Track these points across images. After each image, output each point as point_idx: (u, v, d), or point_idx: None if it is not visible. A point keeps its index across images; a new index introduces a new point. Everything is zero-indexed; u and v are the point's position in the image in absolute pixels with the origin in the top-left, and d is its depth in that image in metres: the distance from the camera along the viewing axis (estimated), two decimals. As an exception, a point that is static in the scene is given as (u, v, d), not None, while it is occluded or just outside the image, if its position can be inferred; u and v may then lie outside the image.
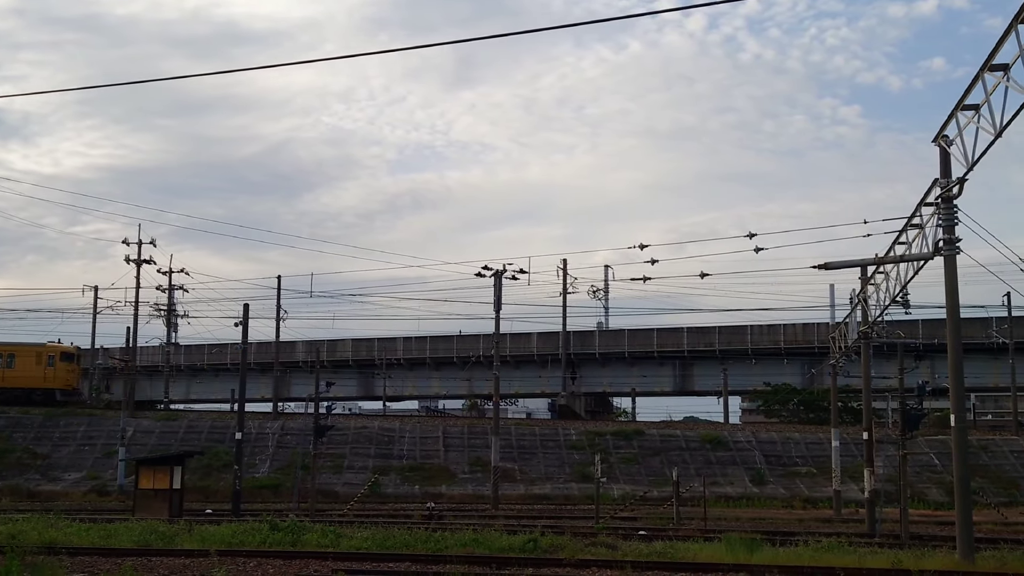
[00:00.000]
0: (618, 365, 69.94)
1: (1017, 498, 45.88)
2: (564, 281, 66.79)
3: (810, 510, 43.68)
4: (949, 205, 22.07)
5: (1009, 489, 47.93)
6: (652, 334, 69.03)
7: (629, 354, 69.10)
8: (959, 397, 22.54)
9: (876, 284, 31.63)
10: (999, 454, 52.28)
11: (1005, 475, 50.07)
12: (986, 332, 59.88)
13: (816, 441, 53.72)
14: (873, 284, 31.94)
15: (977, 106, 19.34)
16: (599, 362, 70.01)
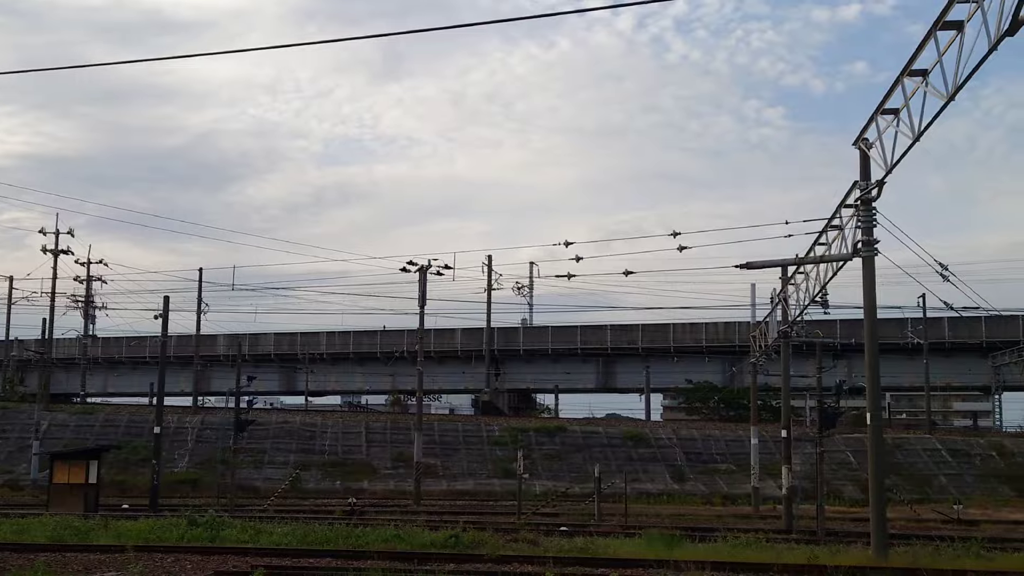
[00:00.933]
0: (542, 362, 70.16)
1: (930, 495, 46.99)
2: (489, 277, 66.78)
3: (729, 506, 44.24)
4: (868, 207, 22.47)
5: (922, 486, 49.07)
6: (576, 331, 69.39)
7: (553, 351, 69.36)
8: (875, 396, 22.98)
9: (796, 284, 32.11)
10: (913, 452, 53.51)
11: (918, 473, 51.27)
12: (902, 333, 61.23)
13: (736, 438, 54.45)
14: (793, 284, 32.43)
15: (897, 110, 19.71)
16: (523, 359, 70.15)
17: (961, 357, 64.80)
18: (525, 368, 70.66)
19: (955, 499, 41.56)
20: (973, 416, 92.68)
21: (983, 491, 48.53)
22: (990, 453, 53.37)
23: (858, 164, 22.67)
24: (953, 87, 16.47)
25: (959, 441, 55.88)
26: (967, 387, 70.96)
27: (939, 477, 50.96)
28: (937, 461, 52.72)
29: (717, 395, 66.94)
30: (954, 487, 48.91)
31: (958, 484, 49.76)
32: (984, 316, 58.47)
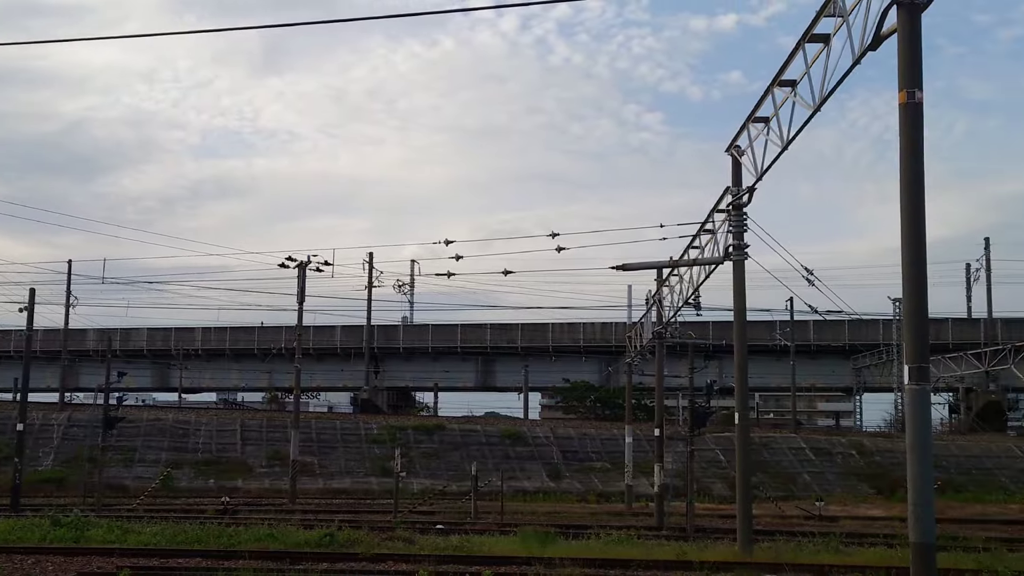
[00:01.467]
0: (422, 360, 70.04)
1: (794, 492, 48.38)
2: (370, 275, 66.28)
3: (603, 504, 44.76)
4: (739, 212, 23.04)
5: (787, 484, 50.50)
6: (456, 330, 69.44)
7: (433, 349, 69.29)
8: (743, 396, 23.56)
9: (671, 286, 32.72)
10: (779, 451, 55.05)
11: (784, 471, 52.76)
12: (771, 335, 63.01)
13: (611, 437, 55.16)
14: (668, 286, 33.04)
15: (767, 119, 20.23)
16: (403, 356, 69.90)
17: (825, 359, 67.07)
18: (405, 366, 70.42)
19: (817, 496, 42.91)
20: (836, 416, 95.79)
21: (844, 488, 50.22)
22: (851, 452, 55.27)
23: (731, 170, 23.24)
24: (819, 98, 16.98)
25: (822, 440, 57.73)
26: (831, 388, 73.39)
27: (803, 475, 52.53)
28: (801, 459, 54.35)
29: (594, 394, 67.75)
30: (817, 484, 50.48)
31: (821, 481, 51.39)
32: (847, 320, 60.64)
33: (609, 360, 66.17)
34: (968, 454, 55.21)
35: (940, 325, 62.71)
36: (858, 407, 71.51)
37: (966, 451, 55.60)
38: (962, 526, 32.78)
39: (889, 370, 60.22)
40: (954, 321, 65.46)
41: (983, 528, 32.59)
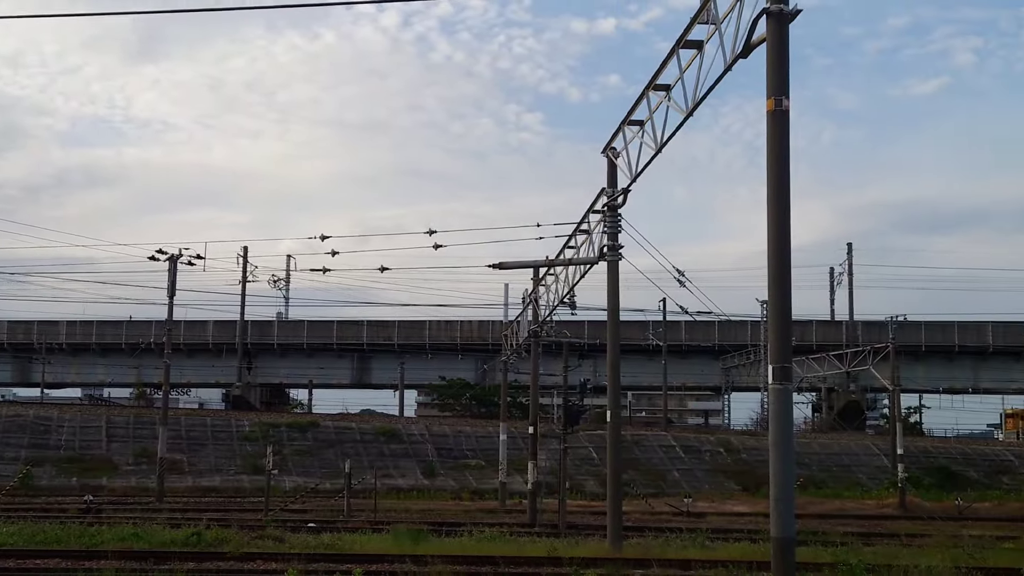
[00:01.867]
0: (297, 356, 69.12)
1: (664, 489, 49.30)
2: (244, 269, 65.10)
3: (477, 501, 44.85)
4: (614, 214, 23.33)
5: (657, 481, 51.43)
6: (332, 326, 68.76)
7: (308, 345, 68.47)
8: (615, 394, 23.84)
9: (547, 285, 32.94)
10: (650, 448, 56.04)
11: (654, 468, 53.73)
12: (644, 334, 64.11)
13: (486, 435, 55.34)
14: (544, 285, 33.25)
15: (642, 122, 20.52)
16: (277, 353, 68.88)
17: (696, 359, 68.59)
18: (279, 362, 69.41)
19: (686, 493, 43.84)
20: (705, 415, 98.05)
21: (712, 485, 51.42)
22: (719, 450, 56.63)
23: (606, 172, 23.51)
24: (692, 103, 17.31)
25: (692, 438, 59.01)
26: (701, 387, 75.06)
27: (673, 472, 53.59)
28: (672, 457, 55.44)
29: (470, 392, 67.88)
30: (686, 481, 51.57)
31: (690, 478, 52.51)
32: (717, 321, 62.11)
33: (486, 358, 66.40)
34: (829, 451, 57.13)
35: (805, 327, 64.73)
36: (726, 406, 73.37)
37: (827, 449, 57.54)
38: (822, 521, 33.85)
39: (756, 370, 61.88)
40: (818, 323, 67.67)
41: (841, 523, 33.72)
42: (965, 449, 59.55)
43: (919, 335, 65.48)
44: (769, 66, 13.34)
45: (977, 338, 66.18)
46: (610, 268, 23.74)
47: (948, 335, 66.33)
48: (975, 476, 54.50)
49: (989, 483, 52.98)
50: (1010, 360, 66.46)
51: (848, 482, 52.19)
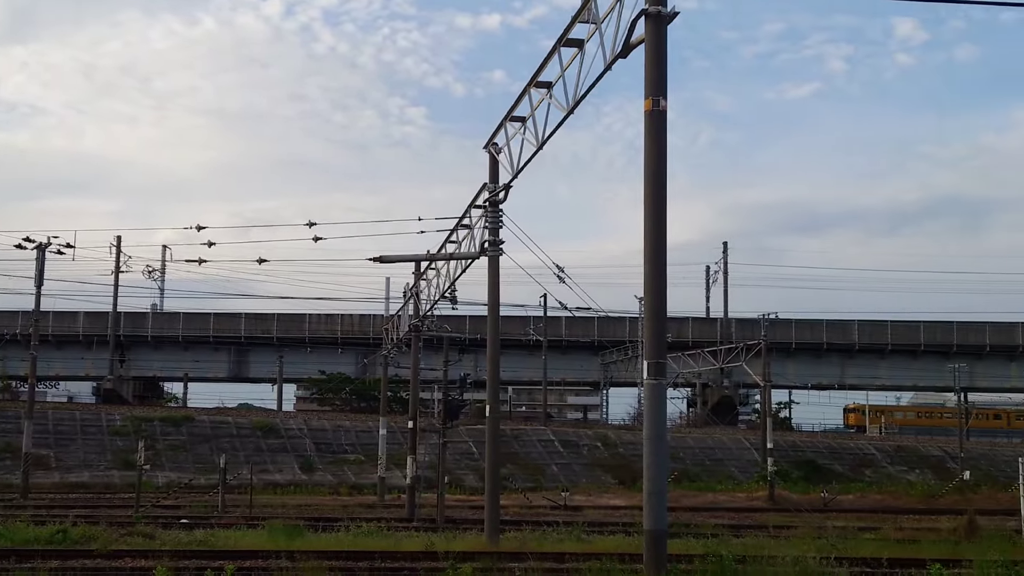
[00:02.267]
0: (172, 349, 67.49)
1: (543, 483, 49.70)
2: (117, 259, 63.27)
3: (356, 496, 44.49)
4: (495, 209, 23.37)
5: (536, 475, 51.83)
6: (209, 318, 67.33)
7: (184, 338, 66.91)
8: (495, 389, 23.92)
9: (428, 280, 32.86)
10: (529, 443, 56.42)
11: (533, 462, 54.13)
12: (524, 330, 64.50)
13: (366, 429, 54.95)
14: (425, 279, 33.16)
15: (524, 118, 20.59)
16: (151, 345, 67.15)
17: (576, 354, 69.31)
18: (153, 355, 67.68)
19: (564, 487, 44.24)
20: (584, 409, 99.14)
21: (589, 479, 52.06)
22: (596, 444, 57.36)
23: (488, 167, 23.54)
24: (573, 100, 17.44)
25: (570, 433, 59.65)
26: (580, 382, 75.87)
27: (552, 466, 54.06)
28: (550, 451, 55.92)
29: (350, 386, 67.31)
30: (564, 475, 52.08)
31: (568, 472, 53.05)
32: (596, 317, 62.87)
33: (366, 352, 65.85)
34: (703, 446, 58.41)
35: (681, 324, 66.01)
36: (605, 401, 74.31)
37: (701, 443, 58.82)
38: (695, 514, 34.61)
39: (634, 366, 62.81)
40: (694, 320, 69.10)
41: (713, 515, 34.52)
42: (831, 443, 61.59)
43: (790, 333, 67.40)
44: (647, 67, 13.51)
45: (844, 336, 68.47)
46: (491, 263, 23.78)
47: (817, 333, 68.46)
48: (840, 469, 56.40)
49: (853, 476, 54.92)
50: (874, 357, 68.96)
51: (721, 475, 53.45)
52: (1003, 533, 26.59)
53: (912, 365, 68.97)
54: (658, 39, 13.54)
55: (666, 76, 13.52)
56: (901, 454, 59.69)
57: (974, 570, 14.65)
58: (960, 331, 68.38)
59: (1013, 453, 53.82)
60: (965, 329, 68.46)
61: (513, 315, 63.51)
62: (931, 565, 14.69)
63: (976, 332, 68.37)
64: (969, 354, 67.59)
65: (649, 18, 13.61)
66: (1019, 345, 67.89)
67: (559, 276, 28.78)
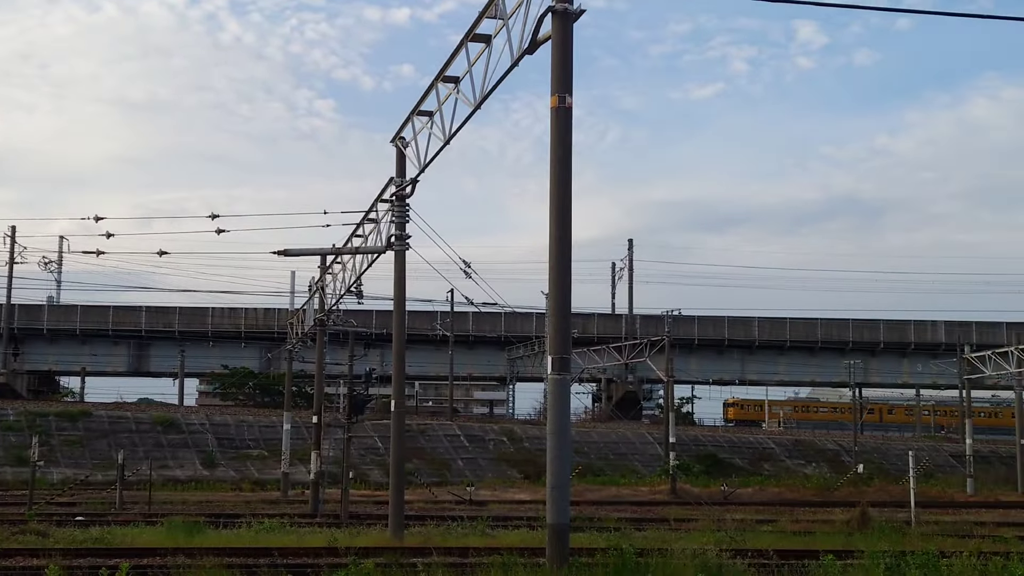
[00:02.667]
0: (69, 342, 65.70)
1: (449, 478, 49.65)
2: (12, 250, 61.43)
3: (259, 492, 43.93)
4: (402, 203, 23.25)
5: (442, 470, 51.76)
6: (108, 311, 65.71)
7: (81, 331, 65.17)
8: (400, 384, 23.78)
9: (334, 274, 32.58)
10: (435, 438, 56.31)
11: (439, 457, 54.03)
12: (431, 325, 64.31)
13: (270, 424, 54.28)
14: (331, 274, 32.87)
15: (431, 113, 20.53)
16: (47, 339, 65.27)
17: (482, 349, 69.37)
18: (49, 348, 65.81)
19: (470, 481, 44.28)
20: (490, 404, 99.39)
21: (495, 473, 52.16)
22: (502, 438, 57.51)
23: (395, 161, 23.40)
24: (480, 96, 17.42)
25: (476, 427, 59.69)
26: (487, 377, 75.99)
27: (458, 461, 54.04)
28: (456, 446, 55.89)
29: (253, 381, 66.37)
30: (470, 470, 52.11)
31: (474, 467, 53.10)
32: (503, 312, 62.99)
33: (271, 347, 65.00)
34: (607, 440, 58.98)
35: (587, 319, 66.55)
36: (511, 396, 74.55)
37: (605, 437, 59.39)
38: (598, 507, 34.90)
39: (540, 361, 63.10)
40: (599, 316, 69.72)
41: (617, 509, 34.85)
42: (732, 437, 62.71)
43: (693, 329, 68.43)
44: (554, 64, 13.57)
45: (745, 333, 69.77)
46: (397, 258, 23.66)
47: (719, 329, 69.64)
48: (740, 463, 57.48)
49: (753, 470, 55.99)
50: (774, 353, 70.41)
51: (624, 470, 54.02)
52: (894, 524, 27.38)
53: (810, 361, 70.63)
54: (564, 36, 13.60)
55: (572, 73, 13.59)
56: (799, 448, 61.05)
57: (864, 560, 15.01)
58: (856, 328, 70.22)
59: (904, 447, 55.52)
60: (860, 327, 70.32)
61: (420, 310, 63.42)
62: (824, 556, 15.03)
63: (871, 329, 70.28)
64: (864, 351, 69.48)
65: (556, 15, 13.67)
66: (911, 342, 69.97)
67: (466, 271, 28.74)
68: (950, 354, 61.80)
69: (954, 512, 36.51)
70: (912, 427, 75.87)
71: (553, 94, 13.50)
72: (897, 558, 14.65)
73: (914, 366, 70.98)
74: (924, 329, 70.32)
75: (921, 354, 70.00)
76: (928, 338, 69.79)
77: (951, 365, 59.67)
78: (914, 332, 70.23)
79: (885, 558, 14.56)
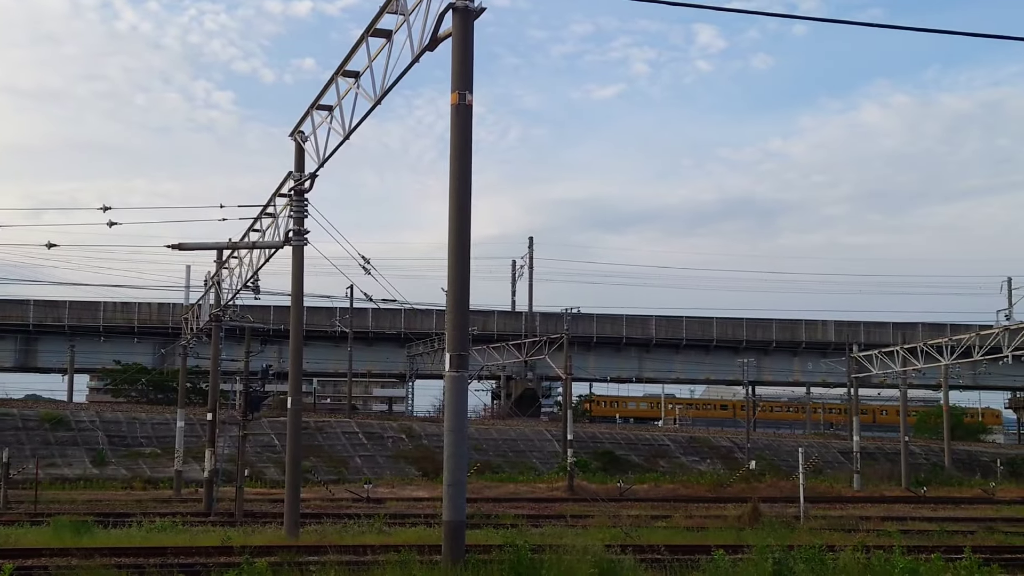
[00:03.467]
0: (-50, 337, 63.46)
1: (346, 476, 49.25)
2: None
3: (152, 491, 43.01)
4: (300, 198, 22.99)
5: (340, 467, 51.34)
6: (-7, 305, 63.65)
7: (-36, 326, 63.00)
8: (296, 380, 23.54)
9: (231, 268, 32.06)
10: (333, 435, 55.82)
11: (337, 455, 53.57)
12: (330, 321, 63.76)
13: (164, 421, 53.19)
14: (228, 268, 32.33)
15: (331, 107, 20.34)
16: (-72, 333, 62.93)
17: (382, 346, 69.09)
18: (-71, 343, 63.46)
19: (368, 479, 43.99)
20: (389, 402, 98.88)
21: (393, 471, 51.93)
22: (401, 436, 57.29)
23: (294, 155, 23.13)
24: (381, 91, 17.32)
25: (375, 425, 59.36)
26: (386, 374, 75.58)
27: (356, 458, 53.66)
28: (355, 443, 55.49)
29: (146, 377, 65.00)
30: (368, 468, 51.79)
31: (372, 465, 52.79)
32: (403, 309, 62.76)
33: (165, 342, 63.70)
34: (506, 437, 59.20)
35: (487, 317, 66.73)
36: (410, 393, 74.27)
37: (504, 435, 59.59)
38: (496, 504, 35.02)
39: (439, 358, 63.03)
40: (499, 313, 69.96)
41: (514, 506, 35.01)
42: (629, 435, 63.51)
43: (591, 327, 69.13)
44: (454, 61, 13.56)
45: (642, 331, 70.75)
46: (295, 253, 23.40)
47: (617, 327, 70.47)
48: (636, 460, 58.24)
49: (648, 466, 56.79)
50: (670, 351, 71.54)
51: (523, 467, 54.29)
52: (783, 520, 28.05)
53: (705, 359, 71.97)
54: (465, 33, 13.60)
55: (472, 71, 13.60)
56: (694, 445, 62.11)
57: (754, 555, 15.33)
58: (749, 327, 71.79)
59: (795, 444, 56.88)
60: (754, 325, 71.90)
61: (319, 306, 62.84)
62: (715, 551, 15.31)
63: (764, 328, 71.92)
64: (757, 349, 71.06)
65: (457, 12, 13.65)
66: (802, 341, 71.80)
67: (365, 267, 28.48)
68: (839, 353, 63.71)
69: (841, 507, 37.52)
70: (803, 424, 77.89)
71: (454, 91, 13.49)
72: (785, 553, 14.99)
73: (805, 364, 72.85)
74: (815, 328, 72.25)
75: (812, 353, 71.91)
76: (819, 337, 71.75)
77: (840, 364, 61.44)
78: (805, 331, 72.10)
79: (774, 552, 14.89)
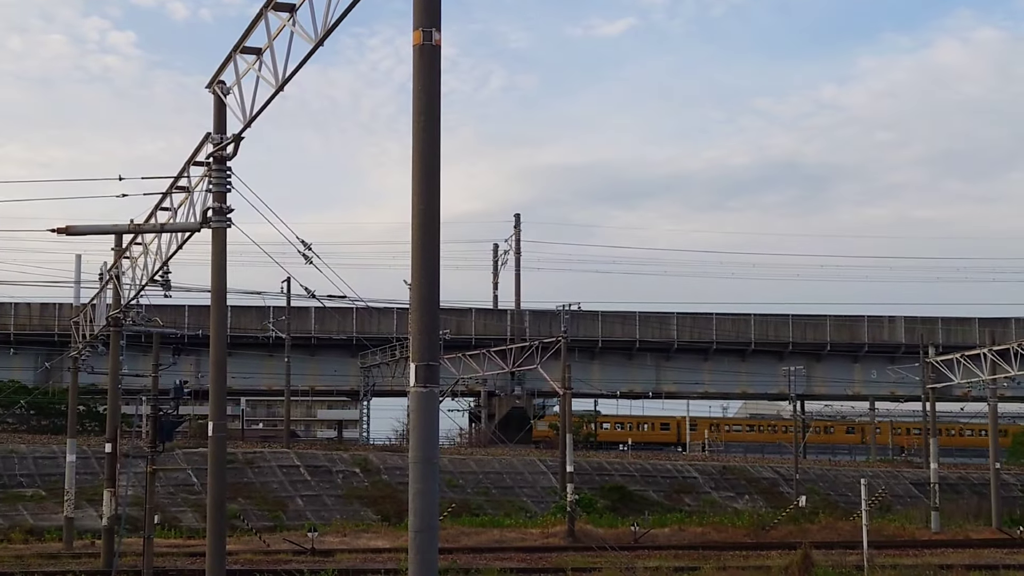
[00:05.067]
0: None
1: (284, 521, 49.29)
2: None
3: (35, 544, 43.04)
4: (222, 167, 22.80)
5: (275, 511, 51.36)
6: None
7: None
8: (220, 401, 23.40)
9: (133, 258, 31.93)
10: (267, 470, 55.79)
11: (272, 494, 53.57)
12: (263, 323, 63.60)
13: (50, 455, 53.21)
14: (129, 258, 32.21)
15: (260, 50, 20.20)
16: None
17: (328, 355, 69.09)
18: None
19: (312, 525, 44.01)
20: (339, 425, 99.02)
21: (344, 514, 51.99)
22: (353, 470, 57.34)
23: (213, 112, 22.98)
24: (323, 29, 17.20)
25: (321, 456, 59.40)
26: (334, 391, 75.66)
27: (296, 499, 53.69)
28: (295, 480, 55.49)
29: (26, 398, 64.85)
30: (312, 511, 51.82)
31: (317, 507, 52.82)
32: (355, 308, 62.75)
33: (50, 353, 63.55)
34: (488, 470, 59.29)
35: (462, 316, 66.84)
36: (365, 415, 74.22)
37: (485, 467, 59.68)
38: (476, 556, 35.14)
39: (402, 369, 63.05)
40: (478, 312, 70.04)
41: (500, 557, 35.16)
42: (644, 464, 63.68)
43: (596, 328, 69.27)
44: (417, -12, 13.48)
45: (661, 332, 70.82)
46: (216, 237, 23.25)
47: (629, 328, 70.55)
48: (655, 496, 58.46)
49: (670, 504, 57.02)
50: (696, 358, 71.64)
51: (510, 507, 54.40)
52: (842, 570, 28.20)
53: (740, 367, 72.00)
54: (431, -48, 13.52)
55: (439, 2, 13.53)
56: (727, 477, 62.36)
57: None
58: (797, 326, 71.96)
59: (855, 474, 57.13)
60: (803, 324, 72.10)
61: (247, 305, 62.74)
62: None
63: (815, 328, 72.10)
64: (807, 354, 71.18)
65: (419, -74, 13.57)
66: (864, 343, 71.95)
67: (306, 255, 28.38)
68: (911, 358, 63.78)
69: (915, 553, 37.74)
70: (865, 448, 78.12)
71: (416, 28, 13.42)
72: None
73: (867, 372, 73.07)
74: (879, 327, 72.55)
75: (876, 358, 72.11)
76: (884, 338, 72.07)
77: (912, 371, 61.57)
78: (867, 331, 72.32)
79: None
